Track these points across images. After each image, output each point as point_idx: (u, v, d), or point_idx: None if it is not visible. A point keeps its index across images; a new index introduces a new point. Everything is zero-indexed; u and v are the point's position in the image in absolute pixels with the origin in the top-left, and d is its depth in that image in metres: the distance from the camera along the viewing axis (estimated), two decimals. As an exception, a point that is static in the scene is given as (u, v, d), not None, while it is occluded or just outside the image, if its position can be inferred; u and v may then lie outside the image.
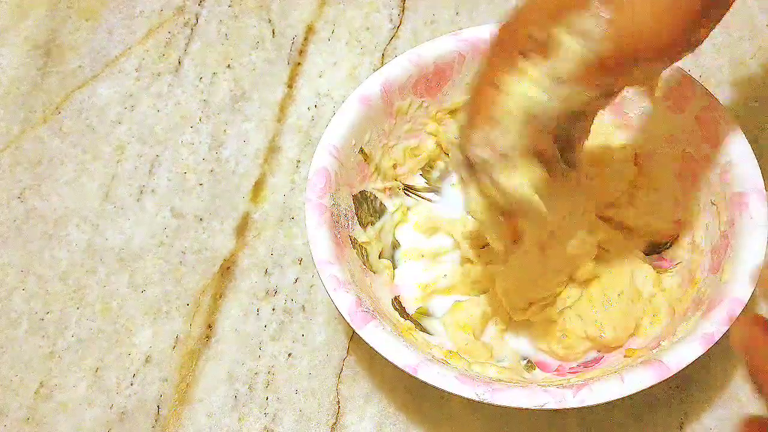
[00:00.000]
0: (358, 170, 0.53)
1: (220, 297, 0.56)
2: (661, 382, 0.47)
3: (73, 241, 0.58)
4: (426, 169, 0.57)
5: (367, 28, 0.66)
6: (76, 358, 0.54)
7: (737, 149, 0.48)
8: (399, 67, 0.53)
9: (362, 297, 0.47)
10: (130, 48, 0.66)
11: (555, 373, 0.50)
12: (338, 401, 0.52)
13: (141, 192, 0.60)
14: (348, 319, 0.45)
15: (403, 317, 0.51)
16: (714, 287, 0.46)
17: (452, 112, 0.56)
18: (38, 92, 0.65)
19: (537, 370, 0.50)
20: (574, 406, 0.42)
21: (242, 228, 0.58)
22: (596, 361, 0.50)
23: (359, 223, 0.53)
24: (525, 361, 0.51)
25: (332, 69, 0.64)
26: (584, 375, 0.47)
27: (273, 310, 0.55)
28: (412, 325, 0.51)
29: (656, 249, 0.53)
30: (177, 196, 0.60)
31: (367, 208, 0.54)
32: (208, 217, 0.59)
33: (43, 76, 0.66)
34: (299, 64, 0.65)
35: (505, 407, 0.49)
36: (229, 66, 0.65)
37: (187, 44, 0.66)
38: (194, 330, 0.54)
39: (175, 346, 0.54)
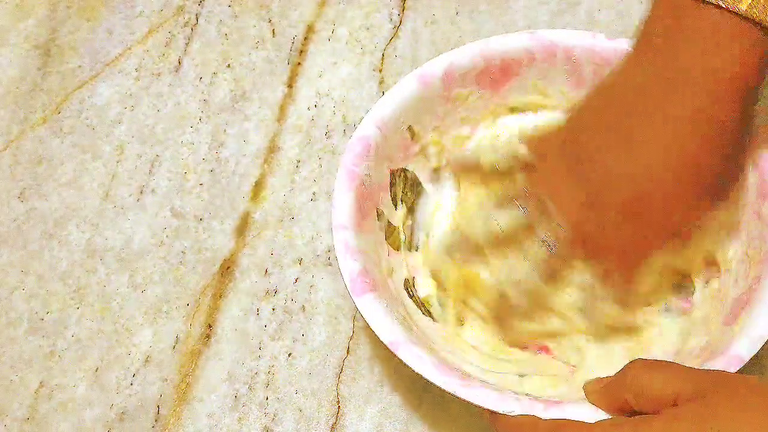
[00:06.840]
0: (402, 147, 0.52)
1: (220, 297, 0.55)
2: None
3: (73, 241, 0.58)
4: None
5: (367, 28, 0.66)
6: (76, 358, 0.54)
7: None
8: (466, 55, 0.52)
9: (369, 269, 0.46)
10: (130, 48, 0.66)
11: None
12: (338, 401, 0.52)
13: (141, 192, 0.60)
14: (348, 286, 0.45)
15: (411, 298, 0.51)
16: (722, 337, 0.45)
17: (512, 110, 0.55)
18: (38, 92, 0.65)
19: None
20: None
21: (242, 228, 0.58)
22: None
23: (392, 199, 0.52)
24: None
25: (332, 69, 0.64)
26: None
27: (273, 310, 0.55)
28: (416, 308, 0.51)
29: (681, 291, 0.51)
30: (177, 196, 0.60)
31: (404, 185, 0.53)
32: (208, 217, 0.59)
33: (43, 76, 0.66)
34: (299, 64, 0.65)
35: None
36: (229, 66, 0.65)
37: (187, 44, 0.66)
38: (194, 330, 0.54)
39: (175, 346, 0.54)
